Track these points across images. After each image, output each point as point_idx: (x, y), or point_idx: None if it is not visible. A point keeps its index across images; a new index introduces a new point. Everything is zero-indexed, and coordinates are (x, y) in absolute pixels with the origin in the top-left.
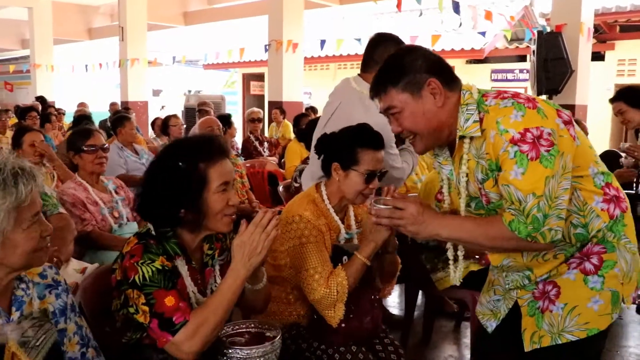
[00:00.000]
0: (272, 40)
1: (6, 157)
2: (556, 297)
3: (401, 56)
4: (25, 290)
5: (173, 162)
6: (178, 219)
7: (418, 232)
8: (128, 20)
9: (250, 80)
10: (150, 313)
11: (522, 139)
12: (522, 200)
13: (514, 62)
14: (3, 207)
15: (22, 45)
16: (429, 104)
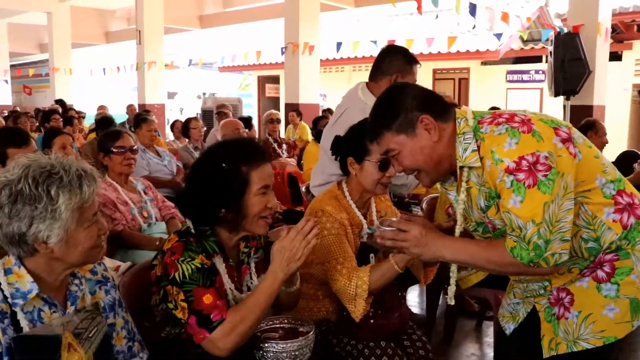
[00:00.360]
0: (288, 42)
1: (67, 159)
2: (570, 304)
3: (390, 98)
4: (78, 285)
5: (217, 163)
6: (218, 218)
7: (422, 253)
8: (145, 24)
9: (265, 82)
10: (188, 310)
11: (517, 168)
12: (523, 228)
13: (529, 63)
14: (69, 207)
15: (41, 50)
16: (424, 140)
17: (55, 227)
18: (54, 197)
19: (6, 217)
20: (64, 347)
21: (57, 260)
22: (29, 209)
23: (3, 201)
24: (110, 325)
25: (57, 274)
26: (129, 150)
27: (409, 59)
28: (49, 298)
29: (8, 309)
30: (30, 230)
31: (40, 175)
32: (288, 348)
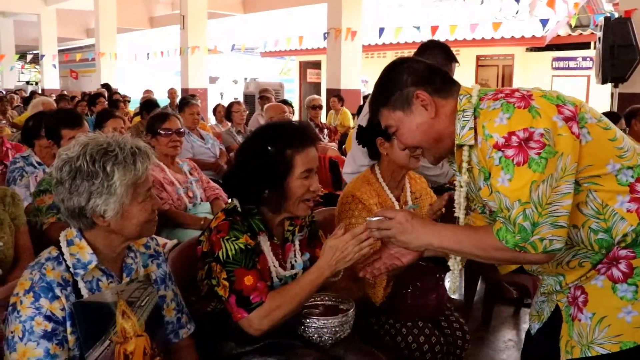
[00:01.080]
0: (330, 28)
1: (123, 137)
2: (584, 304)
3: (386, 74)
4: (133, 258)
5: (263, 145)
6: (261, 198)
7: (409, 241)
8: (189, 9)
9: (307, 68)
10: (229, 289)
11: (506, 144)
12: (510, 208)
13: (576, 50)
14: (124, 182)
15: (87, 35)
16: (421, 116)
17: (111, 202)
18: (110, 173)
19: (67, 192)
20: (118, 313)
21: (114, 233)
22: (87, 184)
23: (64, 177)
24: (161, 297)
25: (114, 247)
26: (176, 132)
27: (448, 55)
28: (107, 269)
29: (70, 278)
30: (89, 204)
31: (97, 152)
32: (329, 324)
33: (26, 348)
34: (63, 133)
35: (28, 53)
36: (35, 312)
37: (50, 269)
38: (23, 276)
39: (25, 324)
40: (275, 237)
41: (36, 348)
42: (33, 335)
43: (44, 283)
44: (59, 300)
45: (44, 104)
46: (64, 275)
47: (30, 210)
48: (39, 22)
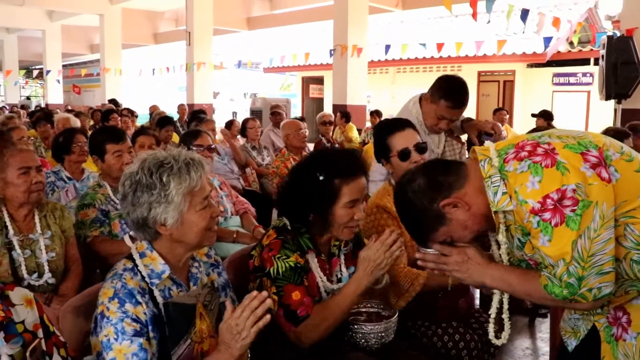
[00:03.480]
0: (337, 45)
1: (178, 150)
2: (628, 324)
3: (405, 210)
4: (197, 267)
5: (313, 171)
6: (307, 221)
7: (463, 278)
8: (195, 26)
9: (309, 83)
10: (278, 303)
11: (542, 208)
12: (554, 266)
13: (577, 66)
14: (180, 191)
15: (91, 50)
16: (461, 217)
17: (169, 210)
18: (166, 184)
19: (130, 205)
20: (197, 315)
21: (177, 242)
22: (147, 195)
23: (127, 191)
24: (222, 304)
25: (179, 256)
26: (207, 148)
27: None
28: (177, 278)
29: (146, 287)
30: (150, 214)
31: (154, 165)
32: (375, 329)
33: (122, 346)
34: (107, 148)
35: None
36: (123, 315)
37: (130, 278)
38: (104, 286)
39: (117, 326)
40: (322, 253)
41: (131, 345)
42: (126, 335)
43: (126, 290)
44: (141, 305)
45: (64, 120)
46: (141, 285)
47: (73, 224)
48: (44, 38)
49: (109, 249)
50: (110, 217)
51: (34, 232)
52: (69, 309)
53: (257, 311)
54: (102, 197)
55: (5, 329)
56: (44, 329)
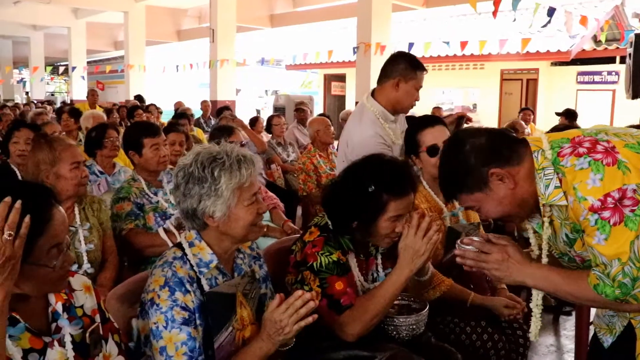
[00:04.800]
0: (360, 43)
1: (231, 146)
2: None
3: (450, 158)
4: (242, 259)
5: (364, 182)
6: (349, 226)
7: (502, 277)
8: (219, 23)
9: (331, 80)
10: (322, 294)
11: (602, 207)
12: (608, 265)
13: (601, 64)
14: (229, 186)
15: (115, 47)
16: (502, 191)
17: (218, 204)
18: (217, 178)
19: (182, 195)
20: (238, 303)
21: (224, 234)
22: (198, 188)
23: (179, 182)
24: (263, 295)
25: (226, 248)
26: (239, 145)
27: (413, 64)
28: (223, 268)
29: (195, 276)
30: (200, 206)
31: (207, 159)
32: (407, 322)
33: (171, 334)
34: (145, 142)
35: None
36: (173, 303)
37: (179, 267)
38: (155, 274)
39: (167, 314)
40: (361, 254)
41: (180, 333)
42: (175, 323)
43: (176, 279)
44: (190, 293)
45: (95, 117)
46: (189, 273)
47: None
48: (69, 35)
49: (144, 242)
50: (145, 211)
51: (74, 224)
52: (113, 297)
53: (300, 310)
54: (137, 190)
55: (68, 311)
56: (101, 314)
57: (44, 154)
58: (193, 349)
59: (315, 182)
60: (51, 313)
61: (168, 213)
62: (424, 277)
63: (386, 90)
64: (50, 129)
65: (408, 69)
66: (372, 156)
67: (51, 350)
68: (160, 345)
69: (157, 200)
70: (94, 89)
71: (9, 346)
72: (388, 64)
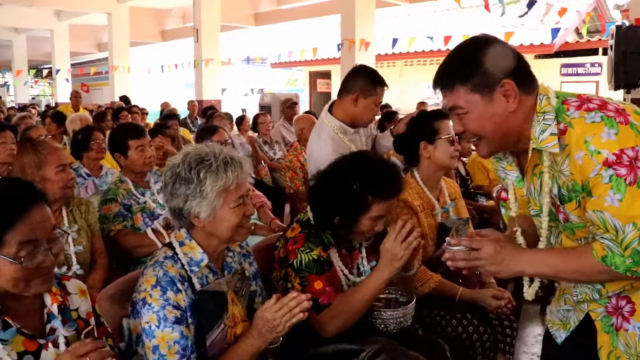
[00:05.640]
0: (344, 39)
1: (220, 148)
2: (630, 314)
3: (470, 50)
4: (232, 257)
5: (350, 180)
6: (331, 221)
7: (499, 271)
8: (202, 22)
9: (317, 78)
10: (302, 292)
11: (618, 161)
12: (620, 230)
13: (584, 56)
14: (215, 188)
15: (99, 49)
16: (500, 107)
17: (203, 205)
18: (202, 180)
19: (169, 194)
20: (229, 300)
21: (211, 235)
22: (184, 188)
23: (167, 181)
24: (253, 292)
25: (215, 247)
26: (224, 144)
27: (373, 80)
28: (214, 267)
29: (186, 274)
30: (185, 206)
31: (194, 160)
32: (395, 315)
33: (163, 333)
34: (130, 144)
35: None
36: (165, 302)
37: (171, 266)
38: (146, 273)
39: (159, 314)
40: (343, 249)
41: (172, 332)
42: (167, 322)
43: (168, 278)
44: (182, 292)
45: (82, 119)
46: (181, 272)
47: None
48: (52, 38)
49: (133, 242)
50: (133, 211)
51: (62, 226)
52: (104, 297)
53: (294, 310)
54: (124, 192)
55: (63, 314)
56: (95, 318)
57: (29, 158)
58: (185, 347)
59: (302, 180)
60: (46, 314)
61: (156, 213)
62: (409, 273)
63: (345, 105)
64: (36, 133)
65: (368, 84)
66: (360, 153)
67: (46, 351)
68: (153, 344)
69: (145, 201)
70: (77, 91)
71: (0, 350)
72: (348, 78)
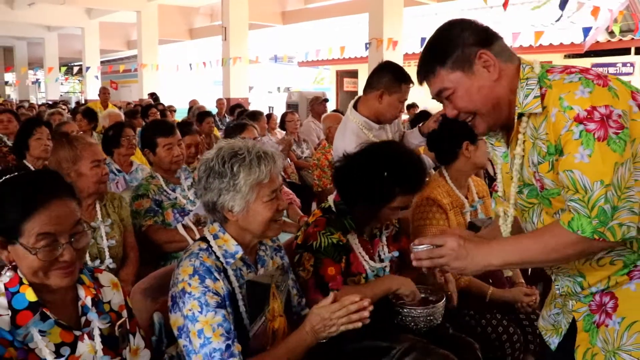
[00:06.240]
0: (372, 38)
1: (253, 142)
2: (613, 310)
3: (443, 32)
4: (265, 251)
5: (382, 167)
6: (354, 206)
7: (465, 266)
8: (231, 21)
9: (343, 77)
10: (312, 273)
11: (588, 117)
12: (589, 189)
13: (616, 56)
14: (248, 182)
15: (128, 46)
16: (483, 78)
17: (237, 199)
18: (236, 173)
19: (203, 189)
20: (271, 295)
21: (244, 230)
22: (217, 182)
23: (201, 175)
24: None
25: (248, 241)
26: None
27: (398, 76)
28: (247, 260)
29: (221, 266)
30: (219, 200)
31: (227, 154)
32: (424, 313)
33: (207, 318)
34: (158, 141)
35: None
36: (204, 289)
37: (206, 257)
38: (182, 265)
39: (200, 299)
40: (365, 234)
41: (215, 316)
42: (209, 307)
43: (205, 267)
44: (219, 282)
45: (112, 116)
46: (216, 264)
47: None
48: (83, 35)
49: (163, 237)
50: (163, 207)
51: (95, 220)
52: (137, 291)
53: (352, 315)
54: (155, 187)
55: (96, 306)
56: (127, 310)
57: (65, 152)
58: (229, 330)
59: (330, 178)
60: (81, 307)
61: (186, 209)
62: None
63: (370, 102)
64: (69, 128)
65: (393, 81)
66: (393, 144)
67: (81, 343)
68: (198, 329)
69: (175, 197)
70: (106, 88)
71: (40, 341)
72: (374, 74)
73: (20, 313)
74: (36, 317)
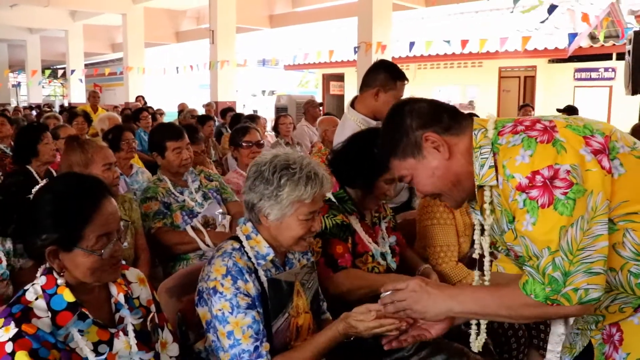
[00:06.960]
0: (361, 42)
1: (308, 160)
2: (619, 343)
3: (389, 121)
4: (293, 253)
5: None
6: (352, 180)
7: (425, 310)
8: (218, 24)
9: (330, 80)
10: (321, 254)
11: (530, 185)
12: (538, 256)
13: (598, 61)
14: (290, 197)
15: (113, 49)
16: (436, 160)
17: (275, 208)
18: (282, 186)
19: (248, 187)
20: (295, 291)
21: (273, 237)
22: (262, 187)
23: (250, 175)
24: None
25: (277, 246)
26: (256, 144)
27: (393, 74)
28: (277, 261)
29: (252, 267)
30: (259, 203)
31: (280, 165)
32: None
33: (237, 319)
34: (167, 145)
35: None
36: (236, 290)
37: (239, 257)
38: (216, 264)
39: (232, 301)
40: (365, 218)
41: (245, 317)
42: (240, 308)
43: (237, 268)
44: (250, 283)
45: (110, 119)
46: (248, 264)
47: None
48: (67, 38)
49: (173, 239)
50: (172, 209)
51: None
52: (163, 289)
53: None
54: (163, 190)
55: (127, 302)
56: (155, 304)
57: (77, 156)
58: (258, 331)
59: None
60: (114, 304)
61: (195, 211)
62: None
63: (366, 100)
64: (65, 132)
65: (388, 79)
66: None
67: (117, 340)
68: (227, 330)
69: (184, 199)
70: (95, 91)
71: (80, 340)
72: (369, 73)
73: (59, 314)
74: (75, 317)
